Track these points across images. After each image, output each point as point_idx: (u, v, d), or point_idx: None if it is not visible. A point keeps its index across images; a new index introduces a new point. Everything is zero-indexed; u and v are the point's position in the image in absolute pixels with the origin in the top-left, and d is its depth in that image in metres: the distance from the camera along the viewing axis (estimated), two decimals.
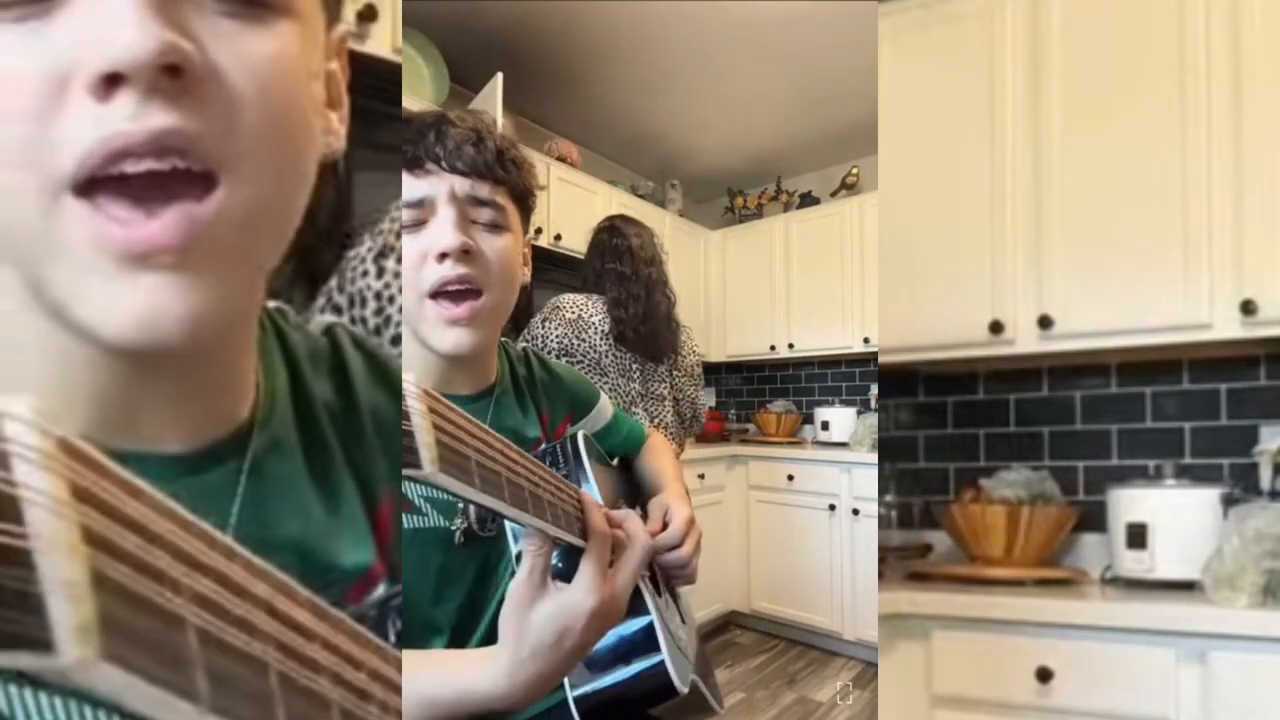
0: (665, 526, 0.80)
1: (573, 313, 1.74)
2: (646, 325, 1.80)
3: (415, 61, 2.17)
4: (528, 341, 1.71)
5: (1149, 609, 1.11)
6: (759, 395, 3.70)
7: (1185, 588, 1.21)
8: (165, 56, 0.28)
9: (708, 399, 2.26)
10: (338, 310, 0.85)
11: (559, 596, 0.47)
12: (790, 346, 3.26)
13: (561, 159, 2.72)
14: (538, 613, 0.47)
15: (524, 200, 0.74)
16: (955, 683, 1.21)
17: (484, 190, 0.68)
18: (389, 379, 0.52)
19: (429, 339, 0.68)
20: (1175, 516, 1.26)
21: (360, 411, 0.50)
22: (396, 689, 0.28)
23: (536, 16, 2.23)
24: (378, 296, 0.84)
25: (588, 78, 2.63)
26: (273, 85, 0.32)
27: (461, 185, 0.67)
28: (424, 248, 0.65)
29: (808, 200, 3.35)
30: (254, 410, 0.43)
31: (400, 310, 0.83)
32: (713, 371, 3.83)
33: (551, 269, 2.61)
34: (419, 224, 0.66)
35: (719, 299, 3.53)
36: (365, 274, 0.86)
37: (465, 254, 0.65)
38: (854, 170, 3.17)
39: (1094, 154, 1.35)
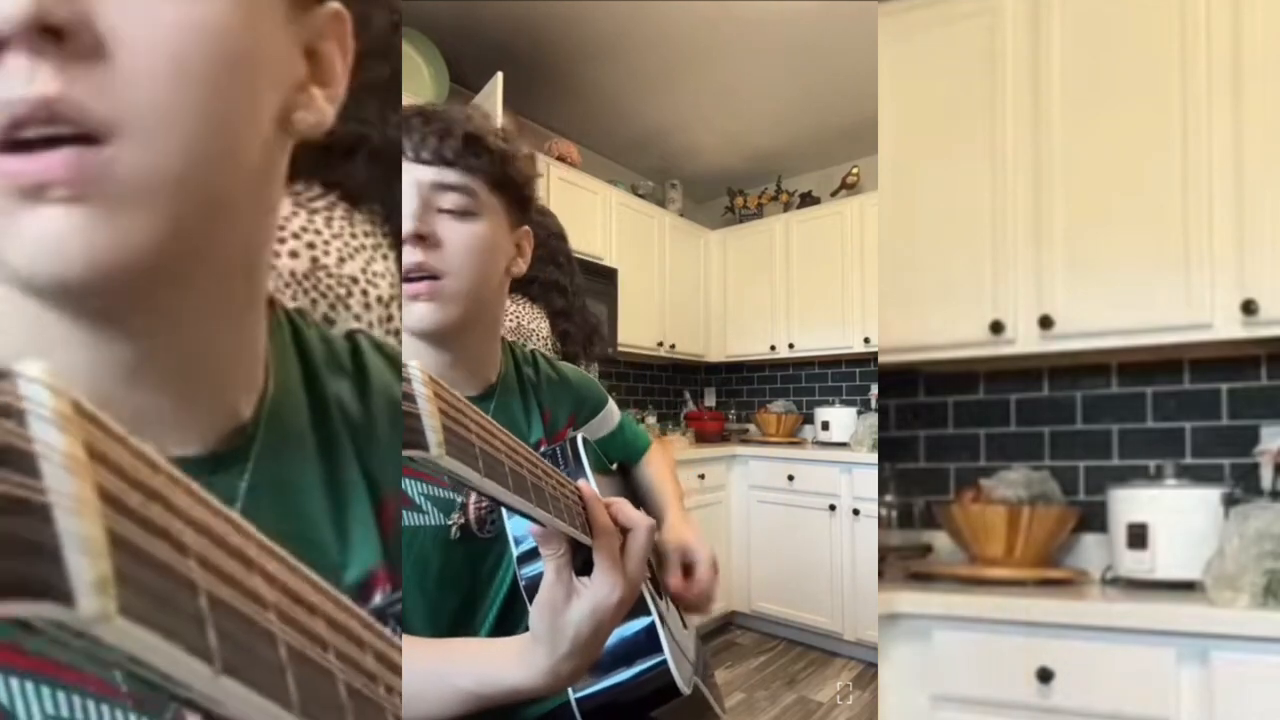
0: (686, 570, 0.83)
1: (512, 321, 1.59)
2: (582, 332, 1.70)
3: (415, 61, 2.17)
4: None
5: (1149, 609, 1.11)
6: (759, 395, 3.70)
7: (1186, 588, 1.21)
8: (41, 18, 0.27)
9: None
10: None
11: (588, 595, 0.50)
12: (790, 346, 3.25)
13: (561, 159, 2.72)
14: (573, 611, 0.50)
15: (505, 187, 0.73)
16: (955, 683, 1.21)
17: (450, 176, 0.69)
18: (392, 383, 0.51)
19: (405, 321, 0.70)
20: (1176, 516, 1.26)
21: (377, 416, 0.49)
22: (398, 672, 0.28)
23: (536, 16, 2.23)
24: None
25: (588, 78, 2.63)
26: (186, 53, 0.31)
27: (425, 174, 0.68)
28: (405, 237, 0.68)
29: (808, 200, 3.35)
30: (259, 409, 0.42)
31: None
32: (713, 371, 3.84)
33: None
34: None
35: (719, 299, 3.53)
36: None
37: (421, 239, 0.67)
38: (854, 170, 3.17)
39: (1094, 154, 1.35)
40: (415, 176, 0.68)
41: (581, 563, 0.52)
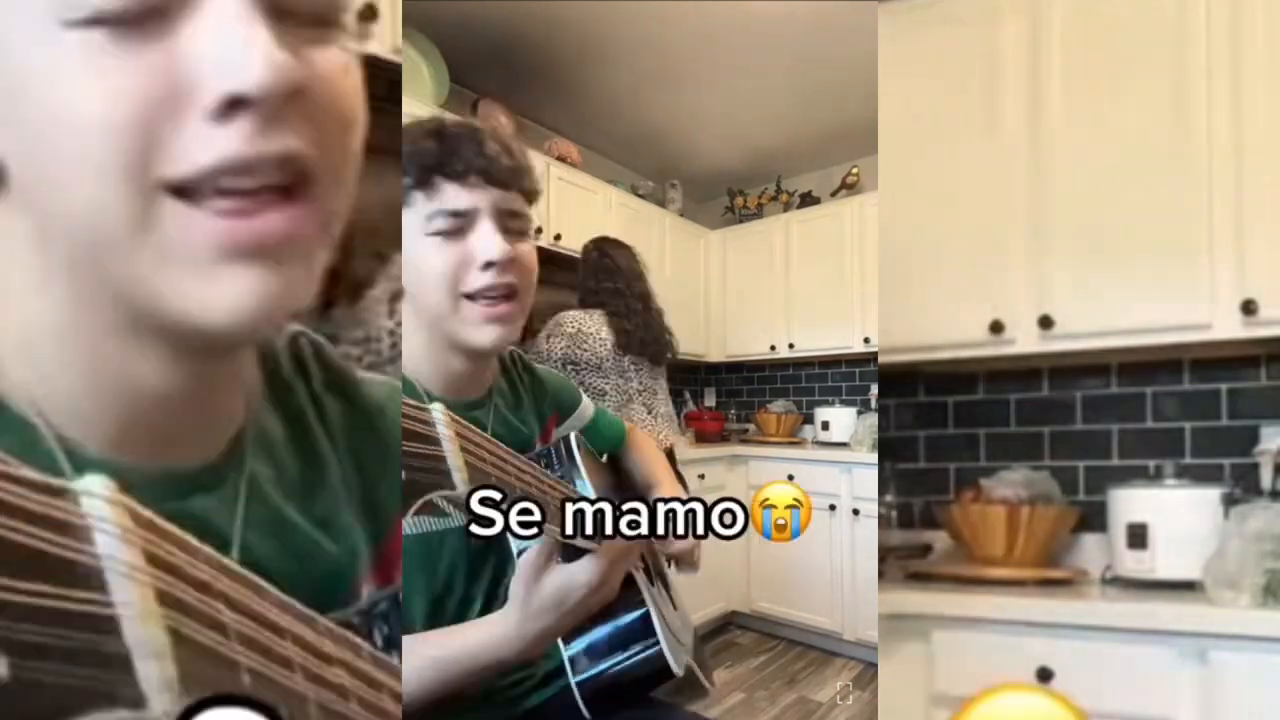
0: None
1: (572, 327, 2.04)
2: (649, 333, 2.11)
3: (415, 61, 2.17)
4: (531, 355, 1.80)
5: (1149, 609, 1.11)
6: (759, 395, 3.70)
7: (1186, 588, 1.21)
8: (290, 86, 0.29)
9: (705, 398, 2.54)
10: (354, 342, 0.97)
11: (565, 570, 0.57)
12: (790, 346, 3.25)
13: (561, 159, 2.72)
14: (546, 581, 0.57)
15: (533, 201, 0.77)
16: (955, 683, 1.21)
17: (518, 203, 0.72)
18: (344, 388, 0.51)
19: (466, 336, 0.71)
20: (1176, 516, 1.26)
21: (348, 414, 0.49)
22: (373, 684, 0.29)
23: (537, 16, 2.23)
24: (390, 334, 1.00)
25: (588, 78, 2.63)
26: (343, 100, 0.33)
27: (502, 199, 0.71)
28: (466, 255, 0.69)
29: (808, 200, 3.34)
30: (246, 420, 0.42)
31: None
32: (713, 371, 3.83)
33: (551, 268, 2.61)
34: (458, 231, 0.70)
35: (719, 299, 3.52)
36: (379, 314, 0.97)
37: (509, 263, 0.70)
38: (854, 170, 3.16)
39: (1094, 154, 1.35)
40: (493, 200, 0.70)
41: (573, 553, 0.57)
